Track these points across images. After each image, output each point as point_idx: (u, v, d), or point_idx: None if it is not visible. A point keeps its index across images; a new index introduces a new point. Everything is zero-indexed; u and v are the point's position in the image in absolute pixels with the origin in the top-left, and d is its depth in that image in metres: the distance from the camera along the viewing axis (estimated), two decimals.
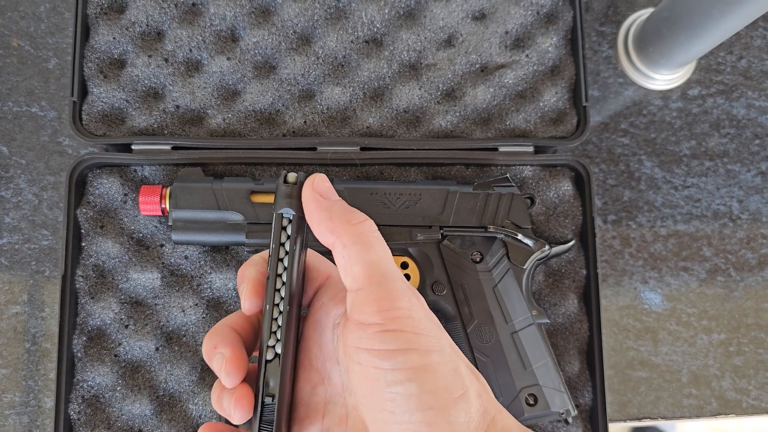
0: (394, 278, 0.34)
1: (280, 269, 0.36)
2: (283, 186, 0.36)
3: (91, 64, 0.63)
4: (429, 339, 0.33)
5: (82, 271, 0.61)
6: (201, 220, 0.58)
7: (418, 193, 0.60)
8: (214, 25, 0.64)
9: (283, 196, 0.36)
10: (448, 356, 0.33)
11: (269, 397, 0.35)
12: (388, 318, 0.32)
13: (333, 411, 0.36)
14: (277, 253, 0.36)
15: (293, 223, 0.36)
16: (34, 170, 0.67)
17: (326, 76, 0.65)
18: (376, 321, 0.33)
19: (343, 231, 0.34)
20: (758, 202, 0.70)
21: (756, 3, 0.54)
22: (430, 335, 0.33)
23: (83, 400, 0.60)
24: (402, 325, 0.32)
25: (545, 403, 0.57)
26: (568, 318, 0.63)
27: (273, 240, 0.36)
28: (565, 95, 0.66)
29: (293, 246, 0.36)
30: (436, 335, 0.33)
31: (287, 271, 0.36)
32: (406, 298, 0.33)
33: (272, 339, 0.36)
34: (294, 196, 0.36)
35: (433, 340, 0.33)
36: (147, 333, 0.61)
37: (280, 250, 0.36)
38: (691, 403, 0.67)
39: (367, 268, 0.33)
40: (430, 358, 0.32)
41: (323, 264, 0.40)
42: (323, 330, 0.38)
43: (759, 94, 0.72)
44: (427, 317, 0.34)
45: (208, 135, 0.63)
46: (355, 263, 0.34)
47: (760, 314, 0.68)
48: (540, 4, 0.66)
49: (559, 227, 0.64)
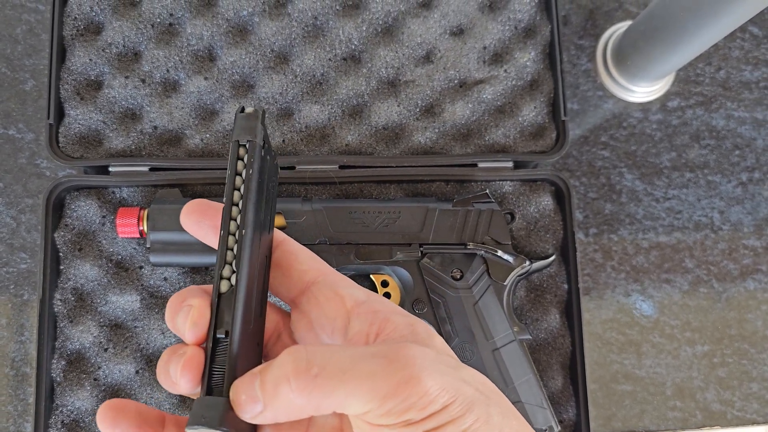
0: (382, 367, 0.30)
1: (236, 198, 0.34)
2: (240, 115, 0.34)
3: (67, 86, 0.63)
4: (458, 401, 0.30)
5: (60, 295, 0.61)
6: (179, 242, 0.58)
7: (397, 210, 0.60)
8: (191, 45, 0.64)
9: (239, 125, 0.34)
10: (480, 408, 0.30)
11: (222, 332, 0.31)
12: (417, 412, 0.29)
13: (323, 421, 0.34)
14: (233, 182, 0.34)
15: (249, 150, 0.34)
16: (11, 193, 0.67)
17: (304, 95, 0.65)
18: (403, 420, 0.29)
19: (301, 408, 0.30)
20: (739, 213, 0.71)
21: (729, 16, 0.55)
22: (457, 398, 0.30)
23: (63, 425, 0.59)
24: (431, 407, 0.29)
25: (528, 421, 0.56)
26: (550, 333, 0.63)
27: (229, 167, 0.34)
28: (544, 109, 0.66)
29: (249, 172, 0.34)
30: (461, 389, 0.30)
31: (243, 199, 0.33)
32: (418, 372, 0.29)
33: (227, 269, 0.33)
34: (251, 124, 0.34)
35: (462, 400, 0.30)
36: (127, 356, 0.60)
37: (236, 179, 0.34)
38: (676, 415, 0.67)
39: (355, 401, 0.29)
40: (465, 422, 0.29)
41: (316, 262, 0.37)
42: (319, 331, 0.35)
43: (738, 104, 0.72)
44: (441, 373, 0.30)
45: (186, 155, 0.63)
46: (341, 409, 0.30)
47: (743, 325, 0.68)
48: (518, 19, 0.66)
49: (540, 242, 0.64)
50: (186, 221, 0.36)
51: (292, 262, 0.36)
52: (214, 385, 0.31)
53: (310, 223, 0.59)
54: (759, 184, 0.71)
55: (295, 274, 0.36)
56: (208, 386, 0.31)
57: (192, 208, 0.36)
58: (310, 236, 0.59)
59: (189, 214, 0.36)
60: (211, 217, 0.35)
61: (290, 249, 0.37)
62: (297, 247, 0.37)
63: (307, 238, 0.59)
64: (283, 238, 0.37)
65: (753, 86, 0.73)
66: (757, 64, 0.74)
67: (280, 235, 0.37)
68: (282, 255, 0.36)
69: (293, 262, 0.36)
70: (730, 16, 0.55)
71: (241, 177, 0.34)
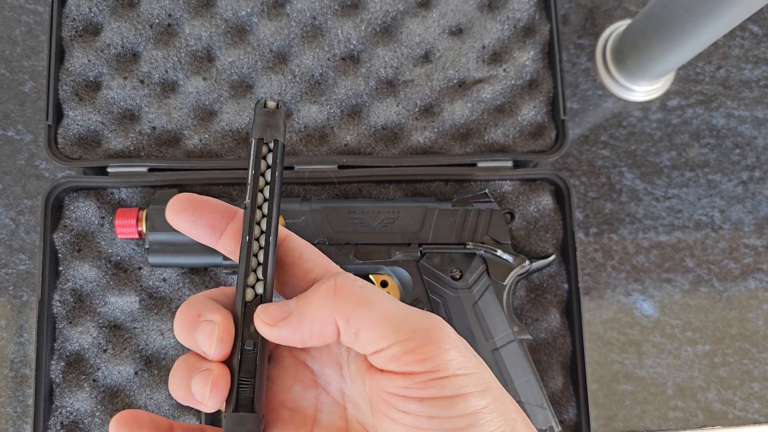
0: (414, 317, 0.30)
1: (259, 200, 0.32)
2: (262, 111, 0.33)
3: (66, 87, 0.62)
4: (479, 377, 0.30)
5: (59, 296, 0.61)
6: (178, 243, 0.58)
7: (397, 210, 0.60)
8: (189, 46, 0.64)
9: (262, 122, 0.32)
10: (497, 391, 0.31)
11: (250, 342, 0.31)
12: (439, 365, 0.29)
13: (328, 421, 0.34)
14: (256, 183, 0.32)
15: (275, 150, 0.32)
16: (10, 194, 0.67)
17: (303, 95, 0.65)
18: (426, 369, 0.29)
19: (331, 314, 0.30)
20: (740, 212, 0.70)
21: (728, 15, 0.54)
22: (477, 373, 0.30)
23: (62, 426, 0.59)
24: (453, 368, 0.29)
25: None
26: (550, 333, 0.63)
27: (252, 167, 0.32)
28: (544, 109, 0.65)
29: (274, 175, 0.32)
30: (482, 369, 0.31)
31: (267, 202, 0.32)
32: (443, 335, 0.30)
33: (252, 277, 0.32)
34: (275, 121, 0.32)
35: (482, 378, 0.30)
36: (126, 357, 0.60)
37: (259, 180, 0.32)
38: (677, 415, 0.66)
39: (386, 326, 0.30)
40: (484, 400, 0.30)
41: (320, 257, 0.36)
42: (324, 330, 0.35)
43: (738, 103, 0.72)
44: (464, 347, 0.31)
45: (184, 156, 0.63)
46: (368, 329, 0.30)
47: (744, 324, 0.68)
48: (517, 18, 0.66)
49: (540, 242, 0.64)
50: (177, 220, 0.33)
51: (296, 259, 0.35)
52: (242, 398, 0.31)
53: (309, 223, 0.59)
54: (759, 183, 0.71)
55: (300, 272, 0.35)
56: (236, 401, 0.31)
57: (182, 205, 0.33)
58: (309, 236, 0.58)
59: (180, 212, 0.33)
60: (207, 216, 0.33)
61: (293, 246, 0.36)
62: (300, 243, 0.36)
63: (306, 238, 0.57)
64: (286, 235, 0.36)
65: (753, 85, 0.73)
66: (757, 63, 0.73)
67: (282, 230, 0.36)
68: (286, 253, 0.35)
69: (297, 259, 0.35)
70: (729, 14, 0.55)
71: (265, 178, 0.32)
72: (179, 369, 0.32)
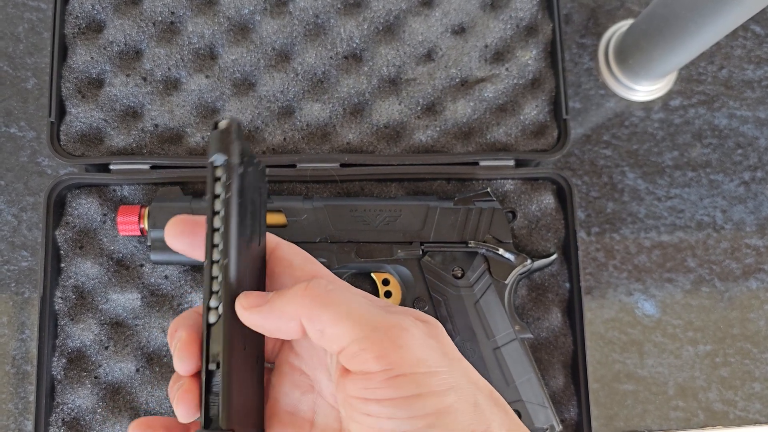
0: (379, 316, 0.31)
1: (217, 223, 0.32)
2: (213, 133, 0.32)
3: (69, 84, 0.63)
4: (442, 377, 0.30)
5: (61, 293, 0.61)
6: None
7: (398, 209, 0.60)
8: (192, 43, 0.64)
9: (214, 144, 0.32)
10: (466, 391, 0.30)
11: (214, 364, 0.31)
12: (394, 362, 0.29)
13: (324, 424, 0.34)
14: (212, 206, 0.32)
15: (227, 170, 0.32)
16: (13, 191, 0.67)
17: (305, 93, 0.65)
18: (381, 368, 0.29)
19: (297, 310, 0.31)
20: (742, 212, 0.70)
21: (731, 14, 0.55)
22: (441, 371, 0.30)
23: (63, 422, 0.59)
24: (410, 366, 0.29)
25: (529, 420, 0.56)
26: (552, 332, 0.63)
27: (207, 190, 0.32)
28: (546, 108, 0.65)
29: (228, 194, 0.32)
30: (448, 368, 0.31)
31: (223, 224, 0.31)
32: (405, 334, 0.30)
33: (213, 299, 0.32)
34: (225, 141, 0.32)
35: (446, 377, 0.30)
36: (127, 354, 0.60)
37: (215, 203, 0.32)
38: (678, 415, 0.66)
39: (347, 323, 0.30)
40: (447, 399, 0.29)
41: (310, 264, 0.36)
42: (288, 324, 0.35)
43: (740, 103, 0.72)
44: (428, 346, 0.31)
45: (187, 153, 0.63)
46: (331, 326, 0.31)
47: (745, 325, 0.68)
48: (519, 17, 0.66)
49: (542, 241, 0.64)
50: (175, 243, 0.34)
51: (285, 268, 0.35)
52: (212, 416, 0.31)
53: (311, 221, 0.59)
54: (761, 183, 0.71)
55: (290, 281, 0.35)
56: (205, 418, 0.31)
57: (178, 228, 0.34)
58: (311, 234, 0.58)
59: (177, 235, 0.34)
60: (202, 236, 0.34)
61: (283, 255, 0.36)
62: (291, 252, 0.36)
63: (307, 237, 0.58)
64: (276, 244, 0.36)
65: (755, 85, 0.73)
66: (759, 63, 0.73)
67: (273, 240, 0.37)
68: (276, 263, 0.36)
69: (287, 268, 0.35)
70: (731, 14, 0.55)
71: (220, 200, 0.32)
72: (171, 381, 0.34)
